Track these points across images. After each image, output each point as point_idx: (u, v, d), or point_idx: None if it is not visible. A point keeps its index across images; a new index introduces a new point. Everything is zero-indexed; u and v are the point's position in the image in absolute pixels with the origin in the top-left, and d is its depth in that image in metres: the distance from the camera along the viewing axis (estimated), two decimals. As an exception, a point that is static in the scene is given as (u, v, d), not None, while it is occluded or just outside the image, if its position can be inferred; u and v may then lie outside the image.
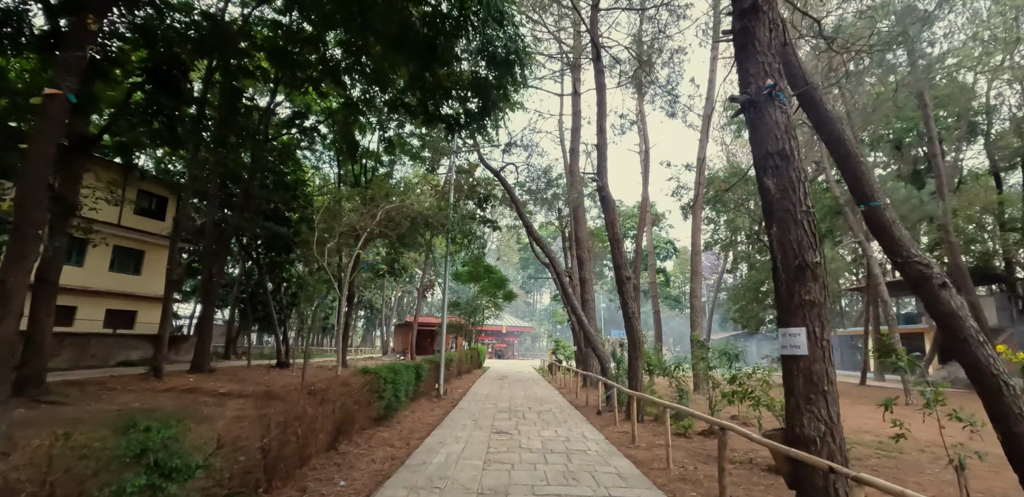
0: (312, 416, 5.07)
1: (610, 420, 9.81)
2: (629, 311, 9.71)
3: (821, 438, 3.50)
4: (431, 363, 13.26)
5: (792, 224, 3.78)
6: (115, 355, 18.65)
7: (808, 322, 3.67)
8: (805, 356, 3.65)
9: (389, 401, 8.31)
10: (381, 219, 10.28)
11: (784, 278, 3.82)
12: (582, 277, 16.92)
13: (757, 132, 4.02)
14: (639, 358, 9.67)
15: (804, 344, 3.65)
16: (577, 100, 18.54)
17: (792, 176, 3.84)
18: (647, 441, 7.87)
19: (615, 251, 10.10)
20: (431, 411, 10.65)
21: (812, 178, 22.55)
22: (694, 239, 18.75)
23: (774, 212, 3.89)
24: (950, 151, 24.89)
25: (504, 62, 6.10)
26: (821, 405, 3.56)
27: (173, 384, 13.72)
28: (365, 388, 6.97)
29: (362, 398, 6.79)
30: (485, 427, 8.56)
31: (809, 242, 3.73)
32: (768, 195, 3.93)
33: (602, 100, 11.02)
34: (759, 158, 4.02)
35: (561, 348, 27.19)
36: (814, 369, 3.62)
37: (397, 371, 8.78)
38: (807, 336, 3.66)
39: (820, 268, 3.72)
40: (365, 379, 7.21)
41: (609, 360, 12.60)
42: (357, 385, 6.73)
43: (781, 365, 3.89)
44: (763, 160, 3.97)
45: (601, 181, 10.35)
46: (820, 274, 3.72)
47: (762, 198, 4.02)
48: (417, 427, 8.66)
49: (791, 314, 3.76)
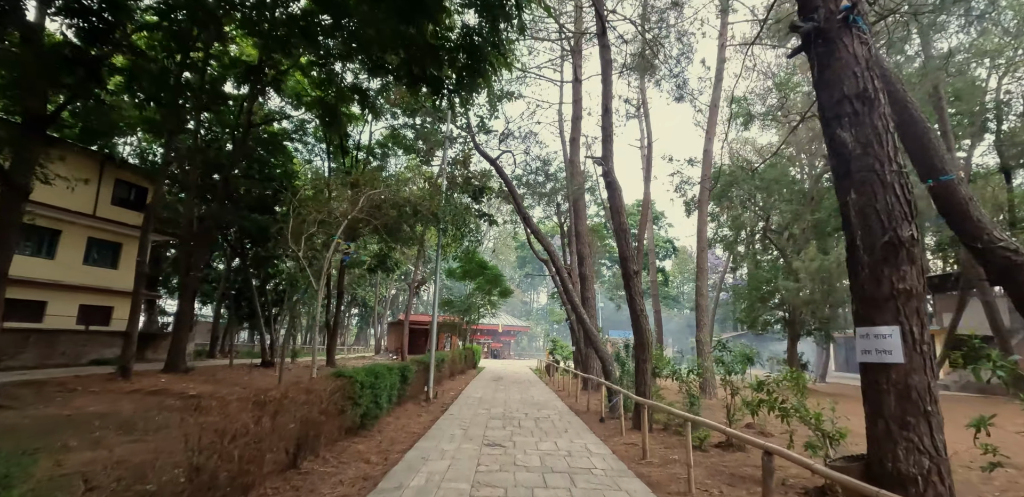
0: (258, 432, 4.11)
1: (615, 429, 8.87)
2: (637, 308, 8.77)
3: (924, 477, 2.57)
4: (420, 364, 12.31)
5: (879, 187, 2.84)
6: (87, 353, 17.61)
7: (903, 318, 2.73)
8: (899, 365, 2.71)
9: (367, 408, 7.35)
10: (364, 206, 9.31)
11: (867, 260, 2.88)
12: (582, 273, 15.98)
13: (828, 71, 3.08)
14: (648, 360, 8.73)
15: (898, 348, 2.71)
16: (578, 87, 17.59)
17: (878, 125, 2.90)
18: (659, 455, 6.93)
19: (621, 242, 9.16)
20: (417, 418, 9.69)
21: (822, 172, 21.68)
22: (700, 235, 17.83)
23: (852, 173, 2.95)
24: (960, 148, 24.07)
25: (498, 4, 5.16)
26: (923, 431, 2.63)
27: (141, 385, 12.73)
28: (336, 395, 6.00)
29: (331, 407, 5.82)
30: (476, 438, 7.61)
31: (903, 211, 2.80)
32: (843, 151, 2.99)
33: (607, 78, 10.08)
34: (830, 105, 3.08)
35: (559, 348, 26.25)
36: (912, 382, 2.68)
37: (378, 374, 7.81)
38: (902, 337, 2.72)
39: (917, 246, 2.78)
40: (336, 384, 6.24)
41: (612, 362, 11.66)
42: (325, 392, 5.76)
43: (861, 376, 2.95)
44: (836, 107, 3.03)
45: (606, 165, 9.40)
46: (917, 254, 2.77)
47: (833, 157, 3.09)
48: (400, 437, 7.70)
49: (877, 308, 2.82)
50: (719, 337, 46.54)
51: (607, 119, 9.79)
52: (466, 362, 23.91)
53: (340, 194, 9.87)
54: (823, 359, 28.56)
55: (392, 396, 9.02)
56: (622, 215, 9.33)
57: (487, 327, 42.25)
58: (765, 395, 6.28)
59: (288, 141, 25.58)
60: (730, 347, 7.77)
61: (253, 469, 4.01)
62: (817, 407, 5.78)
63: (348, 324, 54.25)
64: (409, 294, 26.08)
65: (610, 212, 9.46)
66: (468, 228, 12.79)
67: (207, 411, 3.91)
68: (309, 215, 9.28)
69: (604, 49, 10.20)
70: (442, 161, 14.78)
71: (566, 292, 12.94)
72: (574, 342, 21.49)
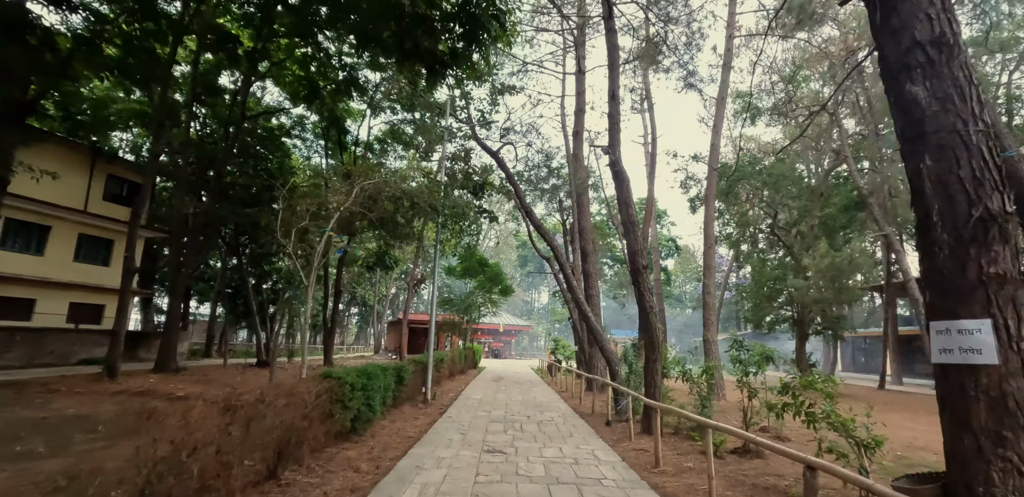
0: (227, 442, 3.61)
1: (623, 433, 8.37)
2: (646, 305, 8.26)
3: (1029, 507, 2.05)
4: (418, 364, 11.81)
5: (962, 151, 2.34)
6: (76, 352, 17.14)
7: (996, 310, 2.23)
8: (992, 367, 2.21)
9: (359, 412, 6.86)
10: (359, 197, 8.82)
11: (947, 239, 2.37)
12: (586, 270, 15.46)
13: (894, 14, 2.58)
14: (657, 360, 8.22)
15: (990, 346, 2.21)
16: (582, 79, 17.08)
17: (959, 76, 2.40)
18: (673, 463, 6.43)
19: (629, 235, 8.65)
20: (414, 421, 9.19)
21: (831, 168, 21.17)
22: (707, 231, 17.29)
23: (926, 135, 2.45)
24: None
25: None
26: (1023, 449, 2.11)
27: (128, 386, 12.25)
28: (322, 397, 5.50)
29: (316, 411, 5.32)
30: (475, 443, 7.11)
31: (993, 179, 2.29)
32: (913, 110, 2.49)
33: (614, 63, 9.57)
34: (896, 55, 2.58)
35: (560, 348, 25.72)
36: (1008, 388, 2.18)
37: (370, 375, 7.32)
38: (994, 333, 2.21)
39: (1012, 222, 2.27)
40: (323, 386, 5.75)
41: (618, 362, 11.16)
42: (310, 394, 5.26)
43: (938, 380, 2.45)
44: (905, 56, 2.53)
45: (614, 154, 8.90)
46: (1012, 232, 2.27)
47: (901, 117, 2.58)
48: (394, 442, 7.20)
49: (962, 297, 2.32)
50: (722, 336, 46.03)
51: (614, 106, 9.28)
52: (466, 362, 23.42)
53: (334, 186, 9.37)
54: (830, 358, 28.04)
55: (387, 398, 8.53)
56: (630, 207, 8.82)
57: (488, 326, 41.77)
58: (790, 398, 5.77)
59: (287, 137, 25.12)
60: (747, 346, 7.26)
61: (219, 485, 3.51)
62: (845, 412, 5.27)
63: (348, 323, 53.81)
64: (408, 292, 25.58)
65: (617, 203, 8.95)
66: (468, 222, 12.27)
67: (166, 418, 3.42)
68: (301, 207, 8.79)
69: (610, 33, 9.70)
70: (441, 155, 14.30)
71: (570, 289, 12.43)
72: (577, 341, 20.99)
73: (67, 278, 18.06)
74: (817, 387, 5.52)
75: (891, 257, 25.40)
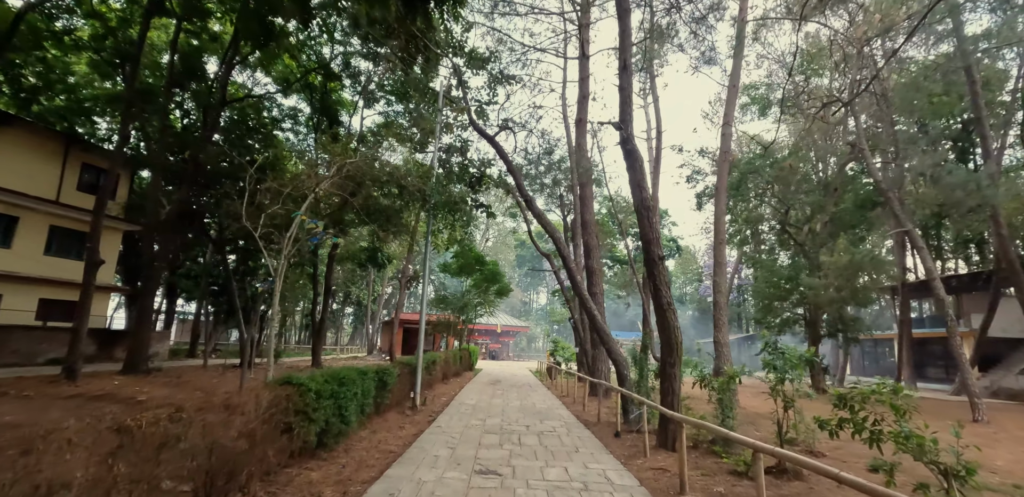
0: (105, 480, 2.56)
1: (635, 447, 7.33)
2: (663, 301, 7.22)
3: None
4: (406, 366, 10.76)
5: None
6: (45, 351, 16.02)
7: None
8: None
9: (327, 423, 5.81)
10: (337, 177, 7.80)
11: None
12: (589, 267, 14.44)
13: None
14: (676, 365, 7.18)
15: None
16: (585, 64, 16.07)
17: None
18: (700, 487, 5.39)
19: (643, 221, 7.62)
20: (398, 431, 8.14)
21: (845, 162, 20.18)
22: (717, 226, 16.25)
23: None
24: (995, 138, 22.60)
25: None
26: None
27: (87, 388, 11.18)
28: (274, 409, 4.45)
29: (262, 427, 4.26)
30: (465, 461, 6.06)
31: None
32: None
33: (626, 30, 8.55)
34: None
35: (560, 349, 24.67)
36: None
37: (343, 380, 6.27)
38: None
39: None
40: (279, 394, 4.70)
41: (627, 366, 10.12)
42: (258, 405, 4.21)
43: None
44: None
45: (626, 130, 7.87)
46: None
47: None
48: (370, 459, 6.15)
49: None
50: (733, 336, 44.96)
51: (626, 78, 8.24)
52: (461, 363, 22.35)
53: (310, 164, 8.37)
54: (840, 362, 27.03)
55: (366, 406, 7.47)
56: (644, 189, 7.79)
57: (485, 327, 40.68)
58: (847, 413, 4.74)
59: (279, 131, 24.08)
60: (783, 349, 6.22)
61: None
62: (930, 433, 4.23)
63: (342, 323, 52.70)
64: (400, 290, 24.50)
65: (629, 186, 7.92)
66: (462, 213, 11.23)
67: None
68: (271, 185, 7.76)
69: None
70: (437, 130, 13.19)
71: (574, 285, 11.40)
72: (578, 343, 19.95)
73: (37, 273, 16.96)
74: (885, 401, 4.48)
75: (905, 256, 24.41)
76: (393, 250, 30.32)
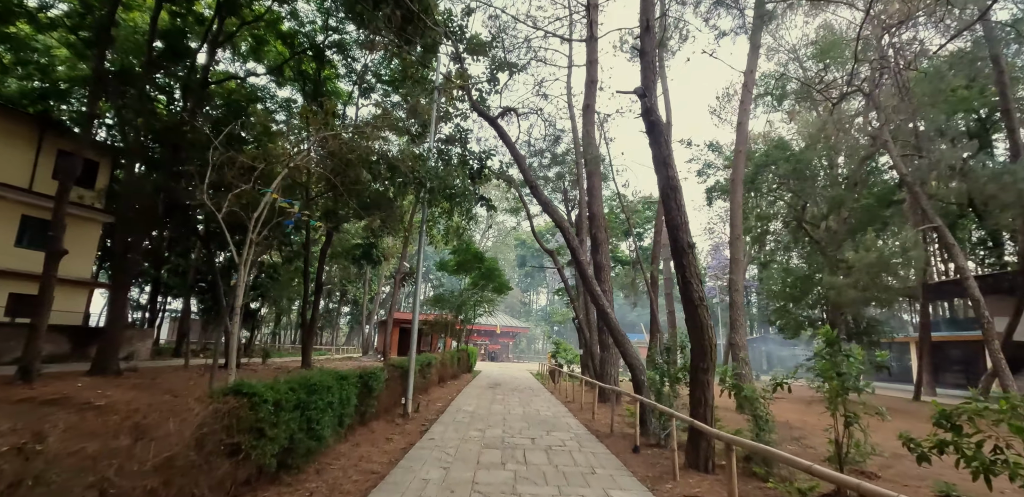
0: None
1: (659, 466, 6.26)
2: (694, 295, 6.16)
3: None
4: (397, 369, 9.69)
5: None
6: (12, 349, 14.89)
7: None
8: None
9: (292, 440, 4.74)
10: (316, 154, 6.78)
11: None
12: (597, 262, 13.36)
13: None
14: (710, 371, 6.12)
15: None
16: (594, 46, 15.02)
17: None
18: (753, 525, 4.32)
19: (671, 204, 6.55)
20: (385, 444, 7.07)
21: (868, 155, 19.13)
22: (733, 221, 15.22)
23: None
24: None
25: None
26: None
27: (42, 391, 10.09)
28: (204, 430, 3.38)
29: (184, 454, 3.19)
30: (461, 486, 4.99)
31: None
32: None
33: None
34: None
35: (562, 351, 23.60)
36: None
37: (313, 387, 5.20)
38: None
39: None
40: (220, 408, 3.63)
41: (644, 370, 9.04)
42: (171, 427, 3.14)
43: None
44: None
45: (649, 100, 6.82)
46: None
47: None
48: (346, 483, 5.07)
49: None
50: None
51: (648, 40, 7.19)
52: (459, 365, 21.28)
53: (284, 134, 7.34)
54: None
55: (346, 416, 6.40)
56: (671, 167, 6.73)
57: (484, 327, 39.60)
58: (949, 435, 3.68)
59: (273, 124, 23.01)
60: (847, 351, 5.15)
61: None
62: None
63: (338, 323, 51.57)
64: (394, 288, 23.42)
65: (653, 164, 6.86)
66: (462, 198, 10.16)
67: None
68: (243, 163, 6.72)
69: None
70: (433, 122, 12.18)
71: (584, 279, 10.33)
72: (582, 344, 18.88)
73: (6, 265, 15.89)
74: (1005, 420, 3.42)
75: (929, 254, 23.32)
76: (390, 246, 29.26)
